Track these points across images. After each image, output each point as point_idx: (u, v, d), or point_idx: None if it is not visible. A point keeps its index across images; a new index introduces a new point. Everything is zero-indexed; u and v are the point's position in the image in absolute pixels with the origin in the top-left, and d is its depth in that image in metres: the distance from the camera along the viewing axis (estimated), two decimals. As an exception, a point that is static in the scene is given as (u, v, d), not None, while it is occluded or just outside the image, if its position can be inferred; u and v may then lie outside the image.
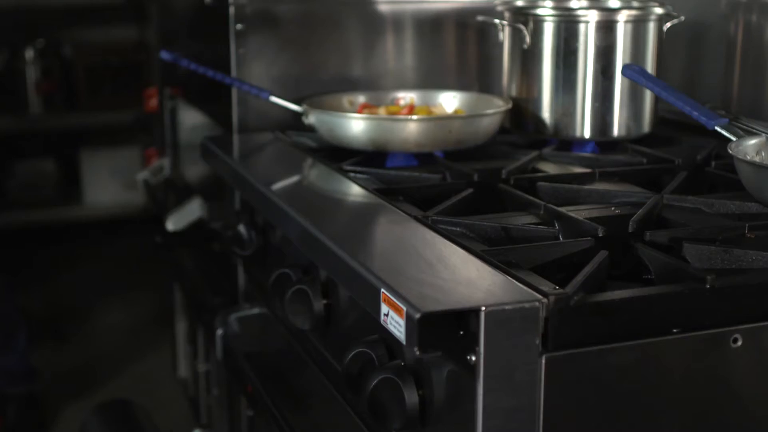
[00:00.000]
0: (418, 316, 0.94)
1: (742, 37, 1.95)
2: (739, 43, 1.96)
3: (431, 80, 2.06)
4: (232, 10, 1.91)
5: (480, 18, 1.87)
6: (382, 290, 1.01)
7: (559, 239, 1.23)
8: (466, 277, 1.06)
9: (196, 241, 2.18)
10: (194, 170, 2.39)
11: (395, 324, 0.98)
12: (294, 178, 1.62)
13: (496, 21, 1.81)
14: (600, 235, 1.21)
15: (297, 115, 1.79)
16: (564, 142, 1.78)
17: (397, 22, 2.03)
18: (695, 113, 1.49)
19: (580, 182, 1.50)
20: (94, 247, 4.37)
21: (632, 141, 1.78)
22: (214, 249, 2.13)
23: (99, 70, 4.14)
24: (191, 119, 2.46)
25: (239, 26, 1.91)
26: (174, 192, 2.58)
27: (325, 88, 1.96)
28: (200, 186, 2.27)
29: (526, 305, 0.96)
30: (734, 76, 1.97)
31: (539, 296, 0.98)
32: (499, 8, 1.83)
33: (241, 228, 1.75)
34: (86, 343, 3.52)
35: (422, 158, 1.67)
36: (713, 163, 1.60)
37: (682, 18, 1.80)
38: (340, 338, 1.36)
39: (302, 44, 1.97)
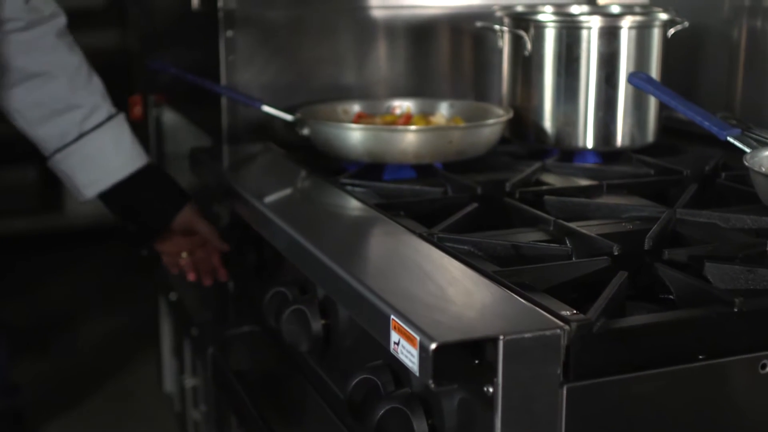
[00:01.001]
0: (433, 346, 0.87)
1: (745, 42, 1.90)
2: (742, 49, 1.91)
3: (425, 87, 2.00)
4: (221, 15, 1.85)
5: (479, 24, 1.81)
6: (393, 317, 0.94)
7: (572, 258, 1.17)
8: (481, 302, 1.00)
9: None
10: (181, 180, 2.31)
11: (407, 354, 0.92)
12: (290, 192, 1.56)
13: (496, 27, 1.75)
14: (615, 253, 1.15)
15: (289, 124, 1.73)
16: (566, 152, 1.72)
17: (390, 28, 1.97)
18: (706, 123, 1.44)
19: (587, 195, 1.45)
20: (77, 257, 4.29)
21: (636, 151, 1.72)
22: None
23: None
24: (177, 127, 2.39)
25: (229, 33, 1.85)
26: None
27: (316, 96, 1.90)
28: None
29: (547, 333, 0.90)
30: (737, 82, 1.92)
31: (560, 323, 0.92)
32: (499, 14, 1.77)
33: (232, 243, 1.69)
34: (69, 356, 3.44)
35: (420, 170, 1.61)
36: (723, 175, 1.54)
37: (686, 24, 1.75)
38: (340, 360, 1.30)
39: (293, 51, 1.91)
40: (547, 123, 1.71)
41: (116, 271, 4.03)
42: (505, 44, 1.77)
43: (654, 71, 1.71)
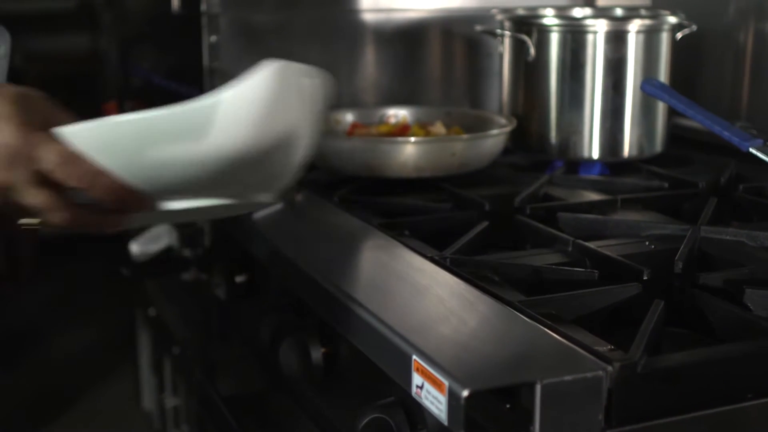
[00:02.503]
0: (465, 393, 0.78)
1: (752, 46, 1.83)
2: (748, 53, 1.83)
3: (418, 94, 1.91)
4: (205, 20, 1.75)
5: (478, 28, 1.72)
6: (415, 358, 0.85)
7: (597, 282, 1.08)
8: (509, 338, 0.91)
9: (166, 272, 1.99)
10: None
11: (433, 400, 0.82)
12: (282, 208, 1.46)
13: (497, 31, 1.66)
14: (645, 278, 1.06)
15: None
16: (570, 163, 1.64)
17: (380, 32, 1.88)
18: (726, 133, 1.36)
19: (601, 211, 1.36)
20: (47, 267, 4.16)
21: (644, 161, 1.64)
22: (186, 279, 1.96)
23: (50, 81, 3.93)
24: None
25: (213, 38, 1.75)
26: (138, 215, 2.39)
27: (305, 104, 1.80)
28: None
29: (589, 375, 0.81)
30: (743, 88, 1.85)
31: (602, 363, 0.83)
32: (499, 18, 1.68)
33: (218, 260, 1.59)
34: (41, 370, 3.32)
35: (419, 183, 1.52)
36: (741, 187, 1.46)
37: (695, 27, 1.67)
38: (344, 393, 1.20)
39: (281, 57, 1.80)
40: (551, 132, 1.63)
41: (88, 281, 3.91)
42: (505, 49, 1.68)
43: (663, 77, 1.63)
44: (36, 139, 0.86)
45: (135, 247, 1.96)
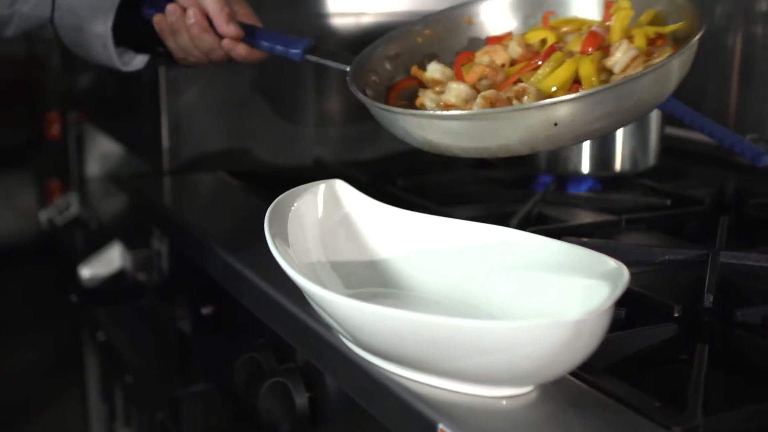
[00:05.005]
0: (510, 474, 0.66)
1: (740, 49, 1.73)
2: (737, 57, 1.74)
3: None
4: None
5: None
6: (441, 426, 0.73)
7: (625, 323, 0.96)
8: (547, 398, 0.78)
9: (119, 300, 1.85)
10: (110, 209, 2.07)
11: (466, 477, 0.70)
12: (251, 232, 1.31)
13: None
14: (676, 314, 0.95)
15: (243, 149, 1.50)
16: (558, 178, 1.52)
17: (349, 37, 1.75)
18: (738, 147, 1.26)
19: (606, 234, 1.25)
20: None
21: (638, 175, 1.54)
22: (143, 304, 1.82)
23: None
24: (104, 150, 2.14)
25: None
26: (86, 235, 2.24)
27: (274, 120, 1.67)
28: (119, 229, 1.95)
29: (647, 445, 0.70)
30: (731, 95, 1.76)
31: (661, 429, 0.71)
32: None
33: (180, 294, 1.45)
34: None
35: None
36: (750, 203, 1.36)
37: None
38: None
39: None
40: (538, 145, 1.51)
41: (27, 297, 3.73)
42: (487, 55, 1.56)
43: (656, 85, 1.52)
44: None
45: (85, 271, 1.82)
